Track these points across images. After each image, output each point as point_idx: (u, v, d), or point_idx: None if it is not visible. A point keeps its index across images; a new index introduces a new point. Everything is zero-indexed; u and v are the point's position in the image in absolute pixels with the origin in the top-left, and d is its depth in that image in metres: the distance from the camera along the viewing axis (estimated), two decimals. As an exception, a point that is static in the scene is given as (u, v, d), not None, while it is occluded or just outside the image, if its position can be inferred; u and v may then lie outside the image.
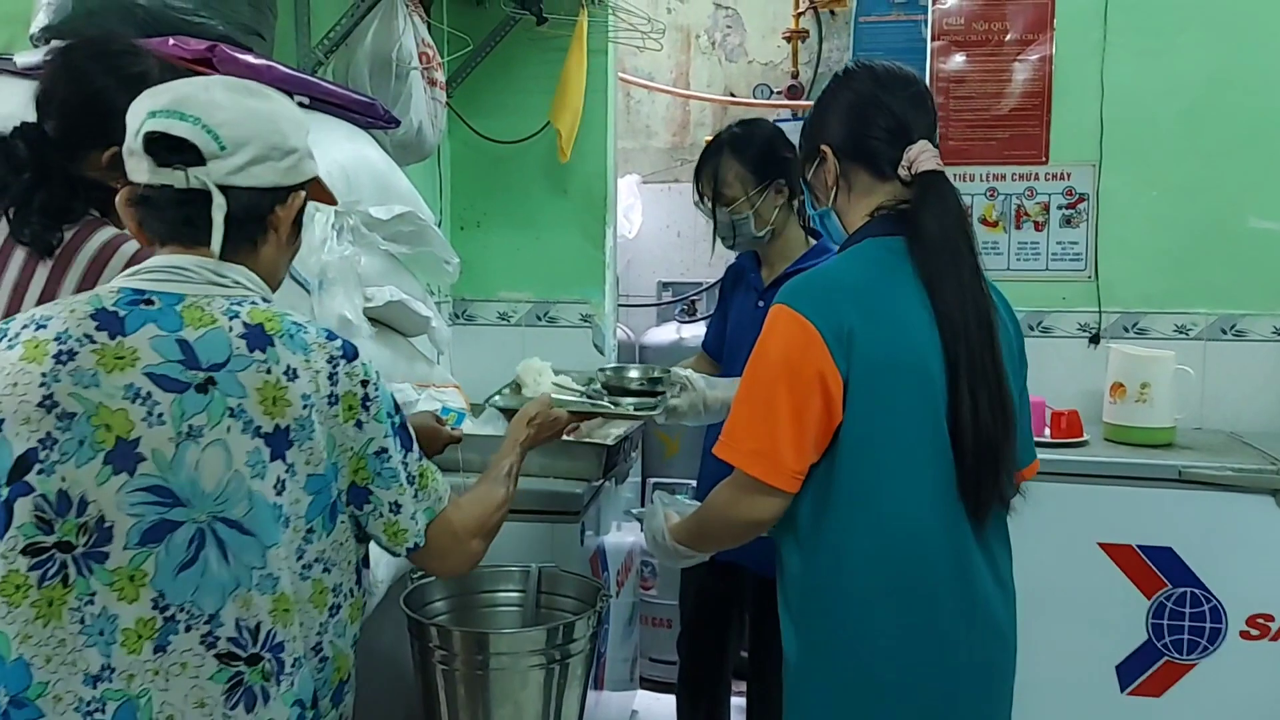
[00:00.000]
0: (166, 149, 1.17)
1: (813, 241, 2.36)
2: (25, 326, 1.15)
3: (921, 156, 1.53)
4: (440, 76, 2.69)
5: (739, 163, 2.27)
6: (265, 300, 1.25)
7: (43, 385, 1.11)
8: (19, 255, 1.46)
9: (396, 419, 1.30)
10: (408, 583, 1.89)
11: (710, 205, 2.31)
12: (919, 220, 1.51)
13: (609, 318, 3.38)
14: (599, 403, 2.04)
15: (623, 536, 2.85)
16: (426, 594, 1.92)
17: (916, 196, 1.53)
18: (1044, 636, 2.63)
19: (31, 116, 1.49)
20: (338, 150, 1.93)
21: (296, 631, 1.20)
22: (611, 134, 3.39)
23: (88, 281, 1.43)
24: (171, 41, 1.75)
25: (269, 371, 1.17)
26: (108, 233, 1.47)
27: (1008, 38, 3.18)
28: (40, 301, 1.43)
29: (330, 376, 1.22)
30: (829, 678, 1.50)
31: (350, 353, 1.25)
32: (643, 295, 4.43)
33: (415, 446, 1.34)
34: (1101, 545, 2.63)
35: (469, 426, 2.07)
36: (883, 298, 1.49)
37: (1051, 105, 3.17)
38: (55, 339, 1.12)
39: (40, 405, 1.10)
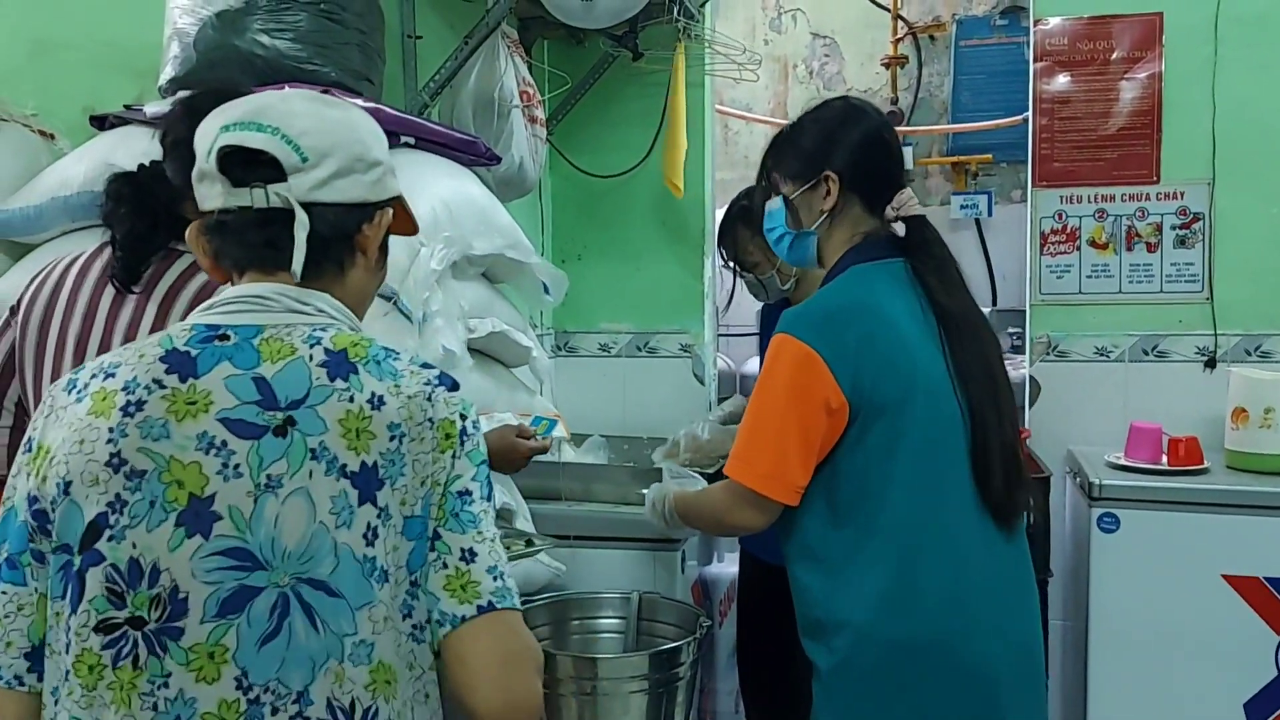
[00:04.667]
0: (243, 165, 1.06)
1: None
2: (94, 376, 1.04)
3: (910, 202, 1.66)
4: (540, 114, 2.76)
5: (753, 232, 2.37)
6: (352, 328, 1.12)
7: (110, 442, 0.99)
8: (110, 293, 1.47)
9: (486, 470, 1.11)
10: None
11: (742, 269, 2.47)
12: (919, 250, 1.63)
13: (709, 347, 3.39)
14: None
15: (725, 567, 2.84)
16: (527, 619, 1.94)
17: (908, 234, 1.65)
18: (1168, 673, 2.54)
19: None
20: (441, 186, 2.00)
21: (400, 706, 1.03)
22: (710, 165, 3.42)
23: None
24: (286, 88, 1.83)
25: (351, 400, 1.03)
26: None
27: (1114, 56, 3.12)
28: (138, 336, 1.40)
29: (428, 399, 1.07)
30: (860, 685, 1.54)
31: (449, 383, 1.11)
32: (743, 325, 4.43)
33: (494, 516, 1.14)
34: (1226, 577, 2.52)
35: (571, 457, 2.09)
36: (881, 319, 1.56)
37: (1162, 123, 3.09)
38: (123, 388, 1.01)
39: (108, 464, 0.99)
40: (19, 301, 1.51)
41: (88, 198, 1.81)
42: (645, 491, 1.92)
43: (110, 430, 1.00)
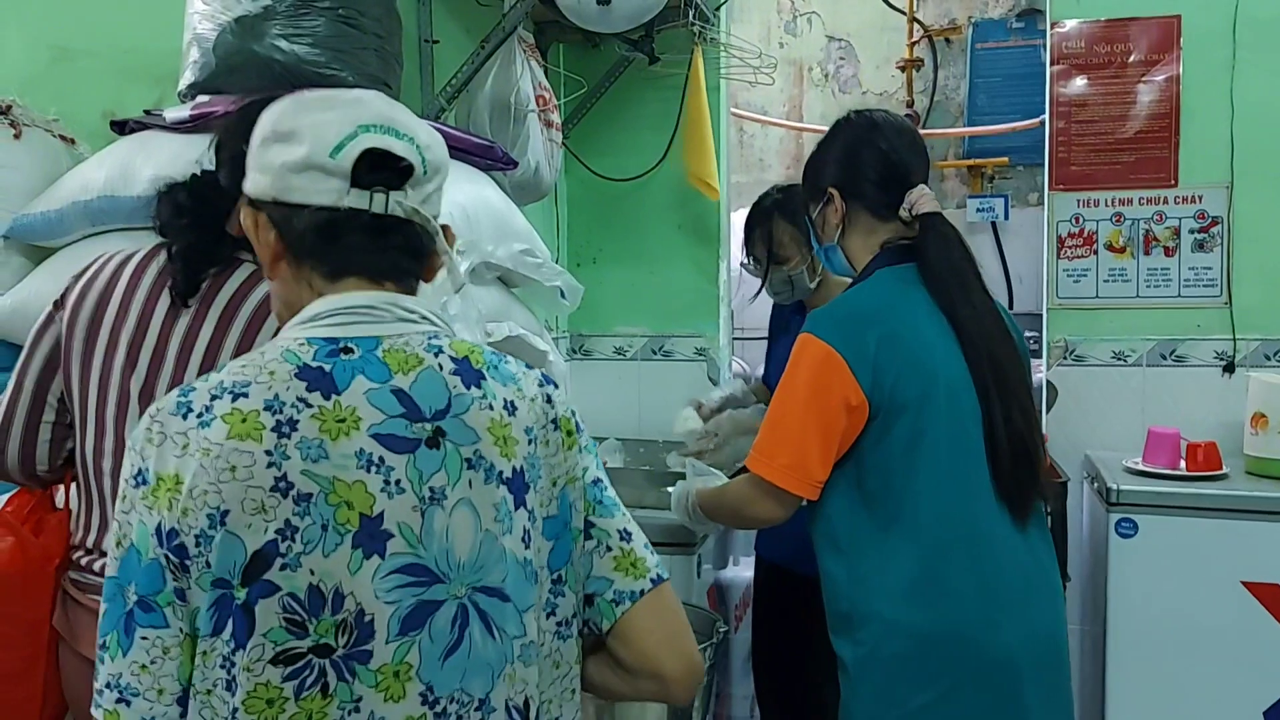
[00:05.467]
0: (370, 169, 1.02)
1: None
2: (215, 397, 0.97)
3: (921, 199, 1.68)
4: (556, 118, 2.76)
5: (790, 224, 2.38)
6: (455, 336, 1.11)
7: (271, 466, 0.94)
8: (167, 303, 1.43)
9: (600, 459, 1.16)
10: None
11: (764, 267, 2.44)
12: (925, 253, 1.66)
13: (724, 351, 3.39)
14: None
15: (740, 571, 2.84)
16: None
17: (919, 234, 1.68)
18: (1186, 680, 2.52)
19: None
20: (458, 191, 2.00)
21: (553, 704, 1.08)
22: (725, 168, 3.42)
23: (251, 330, 1.37)
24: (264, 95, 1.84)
25: (491, 408, 1.04)
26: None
27: (1131, 59, 3.10)
28: (201, 352, 1.36)
29: (548, 400, 1.09)
30: (885, 676, 1.58)
31: (552, 381, 1.14)
32: (758, 328, 4.41)
33: None
34: (1245, 584, 2.51)
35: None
36: (902, 320, 1.62)
37: (1180, 126, 3.08)
38: (266, 409, 0.95)
39: (274, 490, 0.93)
40: (64, 297, 1.49)
41: (107, 202, 1.82)
42: (670, 490, 1.99)
43: (269, 453, 0.94)
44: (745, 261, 2.52)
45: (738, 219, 4.22)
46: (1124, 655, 2.57)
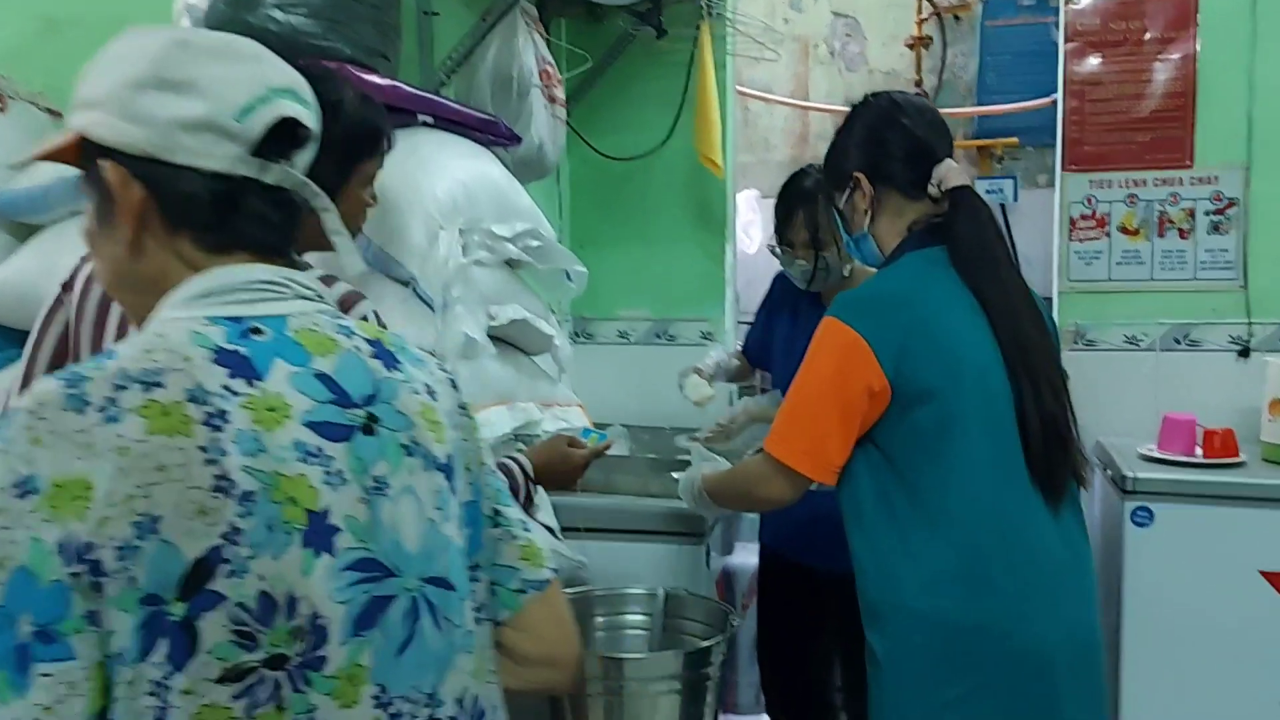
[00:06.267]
0: (274, 137, 0.94)
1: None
2: (120, 388, 0.84)
3: (949, 173, 1.65)
4: (560, 94, 2.68)
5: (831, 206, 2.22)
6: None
7: (209, 463, 0.83)
8: None
9: None
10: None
11: (807, 253, 2.30)
12: (954, 230, 1.62)
13: (729, 335, 3.33)
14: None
15: (747, 559, 2.78)
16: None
17: (949, 210, 1.64)
18: (1202, 671, 2.48)
19: None
20: (460, 167, 1.93)
21: (486, 688, 1.03)
22: (731, 148, 3.35)
23: None
24: (301, 64, 1.77)
25: (415, 392, 0.98)
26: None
27: (1147, 36, 3.04)
28: None
29: (453, 384, 1.06)
30: (915, 669, 1.54)
31: (445, 364, 1.11)
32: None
33: None
34: (1264, 574, 2.46)
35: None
36: (930, 304, 1.59)
37: (1196, 105, 3.01)
38: (190, 399, 0.84)
39: (216, 490, 0.83)
40: (72, 279, 1.44)
41: (96, 178, 1.75)
42: (676, 476, 1.95)
43: (203, 450, 0.83)
44: (775, 246, 2.40)
45: (743, 200, 4.18)
46: (1139, 645, 2.52)
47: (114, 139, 0.92)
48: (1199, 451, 2.64)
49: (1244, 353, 2.97)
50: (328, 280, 1.38)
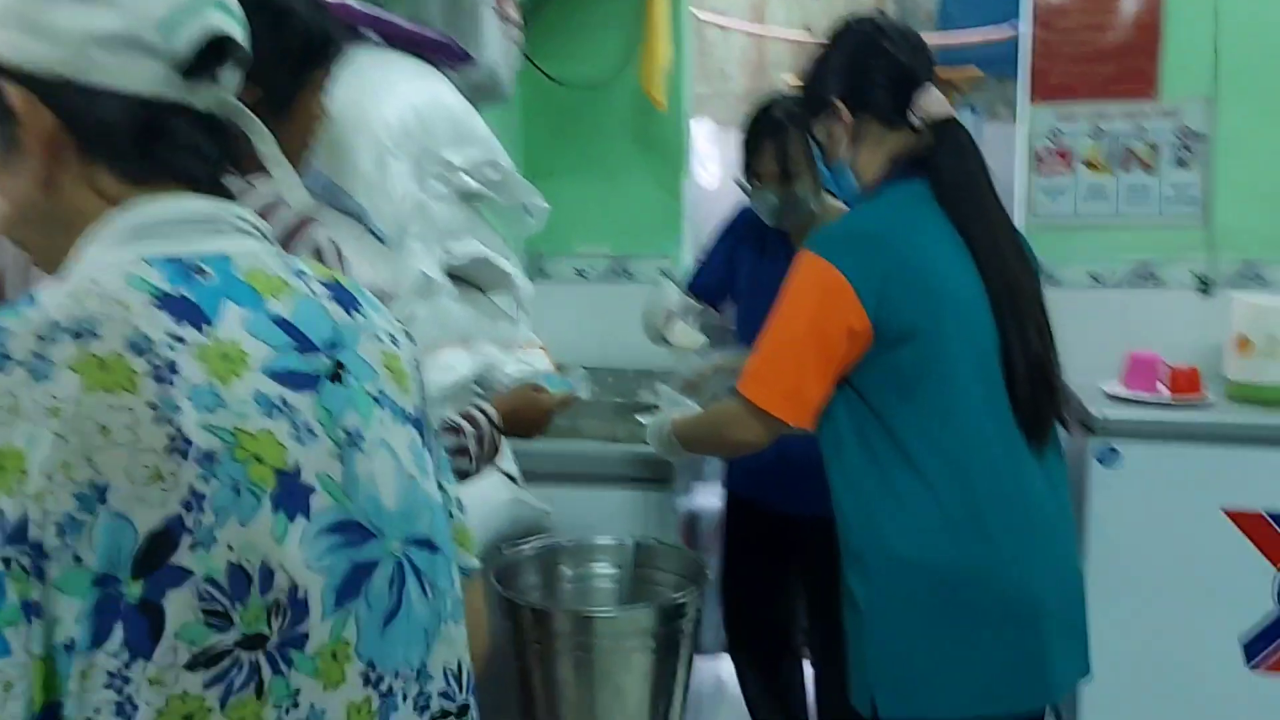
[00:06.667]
0: (203, 55, 0.82)
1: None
2: (47, 339, 0.72)
3: (933, 102, 1.58)
4: (514, 13, 2.52)
5: (804, 137, 2.02)
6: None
7: (160, 421, 0.73)
8: None
9: None
10: (497, 553, 1.78)
11: (776, 186, 2.21)
12: (940, 165, 1.57)
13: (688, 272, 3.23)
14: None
15: (708, 500, 2.72)
16: (516, 569, 1.80)
17: (935, 143, 1.58)
18: (1164, 608, 2.48)
19: None
20: (411, 90, 1.79)
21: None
22: (688, 78, 3.22)
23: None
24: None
25: (379, 339, 0.90)
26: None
27: (1116, -37, 2.95)
28: None
29: (407, 335, 0.96)
30: (899, 615, 1.51)
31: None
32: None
33: None
34: (1227, 512, 2.46)
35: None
36: (912, 240, 1.54)
37: (1162, 36, 2.95)
38: (132, 349, 0.73)
39: (171, 451, 0.73)
40: None
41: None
42: (643, 420, 1.88)
43: (153, 406, 0.72)
44: (742, 179, 2.30)
45: (702, 133, 4.04)
46: (1103, 584, 2.50)
47: (18, 58, 0.79)
48: (1163, 389, 2.62)
49: (1205, 289, 2.95)
50: (271, 208, 1.25)
